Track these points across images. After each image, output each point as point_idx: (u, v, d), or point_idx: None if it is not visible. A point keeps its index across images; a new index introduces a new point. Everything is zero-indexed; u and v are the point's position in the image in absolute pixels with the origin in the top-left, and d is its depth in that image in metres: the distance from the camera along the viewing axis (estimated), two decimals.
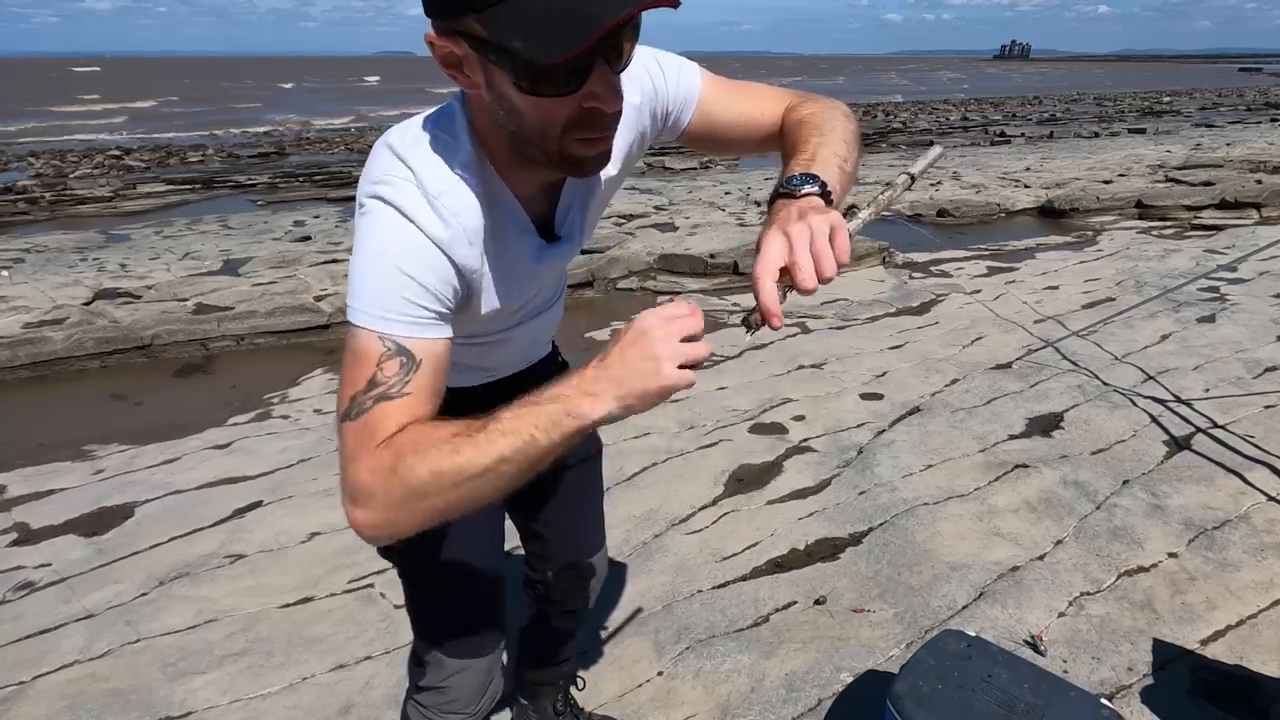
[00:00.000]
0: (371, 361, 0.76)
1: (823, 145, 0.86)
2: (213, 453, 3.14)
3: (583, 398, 0.70)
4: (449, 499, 0.72)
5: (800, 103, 0.98)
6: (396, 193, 0.77)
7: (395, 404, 0.75)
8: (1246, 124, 17.39)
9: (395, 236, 0.76)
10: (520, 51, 0.65)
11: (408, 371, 0.76)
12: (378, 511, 0.73)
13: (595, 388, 0.70)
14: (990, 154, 12.49)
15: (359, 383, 0.76)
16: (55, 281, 5.27)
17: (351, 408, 0.76)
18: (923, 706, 1.37)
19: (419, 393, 0.76)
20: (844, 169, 0.85)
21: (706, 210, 7.53)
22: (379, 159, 0.80)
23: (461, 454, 0.70)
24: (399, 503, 0.72)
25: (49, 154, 15.70)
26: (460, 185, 0.79)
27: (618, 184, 1.01)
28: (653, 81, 0.92)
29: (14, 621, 2.14)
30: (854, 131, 0.93)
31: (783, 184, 0.79)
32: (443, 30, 0.71)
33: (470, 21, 0.67)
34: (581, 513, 1.41)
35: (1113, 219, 7.21)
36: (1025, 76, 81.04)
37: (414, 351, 0.76)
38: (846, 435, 3.06)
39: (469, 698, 1.22)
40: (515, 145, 0.78)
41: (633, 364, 0.70)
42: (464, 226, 0.79)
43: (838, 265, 0.70)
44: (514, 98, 0.71)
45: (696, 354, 0.70)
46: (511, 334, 1.06)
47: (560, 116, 0.72)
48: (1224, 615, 1.99)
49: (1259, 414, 3.06)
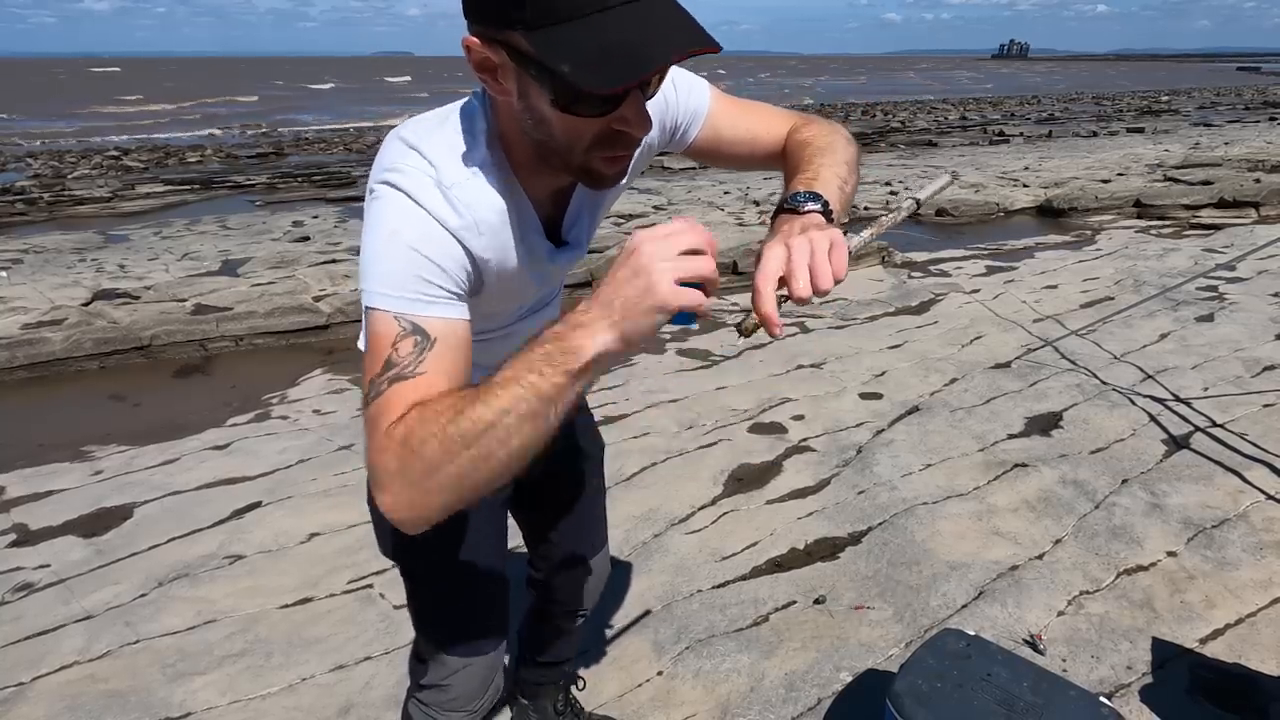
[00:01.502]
0: (387, 343, 0.74)
1: (825, 166, 0.88)
2: (212, 453, 3.14)
3: (573, 330, 0.66)
4: (462, 465, 0.68)
5: (804, 124, 1.01)
6: (408, 180, 0.77)
7: (410, 384, 0.73)
8: (1245, 123, 17.40)
9: (407, 219, 0.76)
10: (566, 75, 0.66)
11: (422, 350, 0.74)
12: (400, 492, 0.71)
13: (585, 317, 0.66)
14: (989, 153, 12.50)
15: (376, 365, 0.75)
16: (54, 282, 5.27)
17: (370, 392, 0.75)
18: (922, 705, 1.37)
19: (434, 372, 0.74)
20: (844, 190, 0.87)
21: (706, 210, 7.54)
22: (390, 149, 0.81)
23: (465, 414, 0.68)
24: (419, 478, 0.70)
25: (47, 154, 15.68)
26: (476, 179, 0.80)
27: (621, 192, 1.03)
28: (663, 95, 0.94)
29: (13, 623, 2.14)
30: (855, 156, 0.95)
31: (787, 199, 0.81)
32: (483, 36, 0.71)
33: (516, 36, 0.68)
34: (584, 513, 1.41)
35: (1111, 218, 7.22)
36: (1039, 75, 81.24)
37: (429, 330, 0.75)
38: (846, 435, 3.06)
39: (470, 696, 1.22)
40: (538, 152, 0.79)
41: (623, 283, 0.65)
42: (476, 218, 0.79)
43: (835, 280, 0.70)
44: (545, 111, 0.72)
45: (697, 268, 0.65)
46: (510, 329, 1.06)
47: (588, 134, 0.74)
48: (1223, 614, 1.99)
49: (1257, 413, 3.07)
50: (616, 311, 0.65)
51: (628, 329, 0.65)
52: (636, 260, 0.65)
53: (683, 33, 0.68)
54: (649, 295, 0.64)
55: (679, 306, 0.65)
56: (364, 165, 12.28)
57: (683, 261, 0.65)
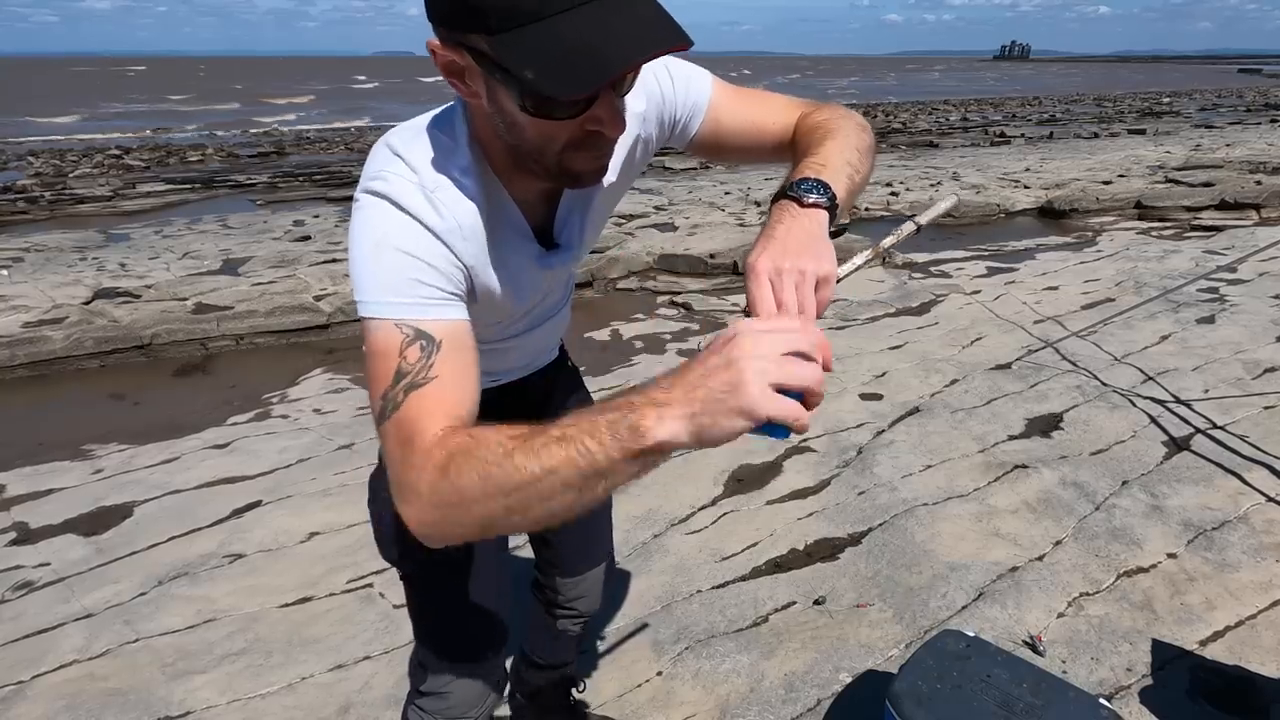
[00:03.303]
0: (393, 353, 0.72)
1: (835, 151, 0.83)
2: (212, 452, 3.14)
3: (648, 409, 0.58)
4: (495, 509, 0.64)
5: (815, 111, 0.95)
6: (391, 187, 0.76)
7: (426, 389, 0.71)
8: (1246, 125, 17.40)
9: (392, 225, 0.75)
10: (531, 82, 0.65)
11: (430, 354, 0.72)
12: (425, 511, 0.68)
13: (665, 398, 0.58)
14: (990, 154, 12.50)
15: (386, 378, 0.72)
16: (54, 281, 5.27)
17: (385, 406, 0.72)
18: (921, 706, 1.37)
19: (446, 376, 0.72)
20: (854, 179, 0.82)
21: (706, 210, 7.54)
22: (377, 156, 0.80)
23: (512, 459, 0.62)
24: (449, 505, 0.67)
25: (48, 153, 15.69)
26: (457, 183, 0.78)
27: (621, 191, 0.99)
28: (660, 88, 0.91)
29: (13, 621, 2.14)
30: (869, 143, 0.89)
31: (791, 185, 0.77)
32: (446, 39, 0.70)
33: (479, 40, 0.66)
34: (591, 522, 1.40)
35: (1112, 220, 7.22)
36: (1055, 76, 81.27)
37: (433, 333, 0.73)
38: (846, 435, 3.06)
39: (470, 703, 1.21)
40: (513, 155, 0.77)
41: (712, 372, 0.57)
42: (460, 222, 0.78)
43: (816, 315, 0.69)
44: (515, 114, 0.70)
45: (800, 376, 0.57)
46: (518, 341, 1.05)
47: (562, 136, 0.71)
48: (1223, 616, 1.99)
49: (1258, 415, 3.06)
50: (698, 403, 0.57)
51: (705, 425, 0.57)
52: (731, 351, 0.58)
53: (651, 31, 0.65)
54: (737, 395, 0.56)
55: (768, 416, 0.57)
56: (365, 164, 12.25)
57: (786, 364, 0.58)
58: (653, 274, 5.52)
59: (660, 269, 5.56)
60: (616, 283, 5.38)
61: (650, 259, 5.60)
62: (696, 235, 6.19)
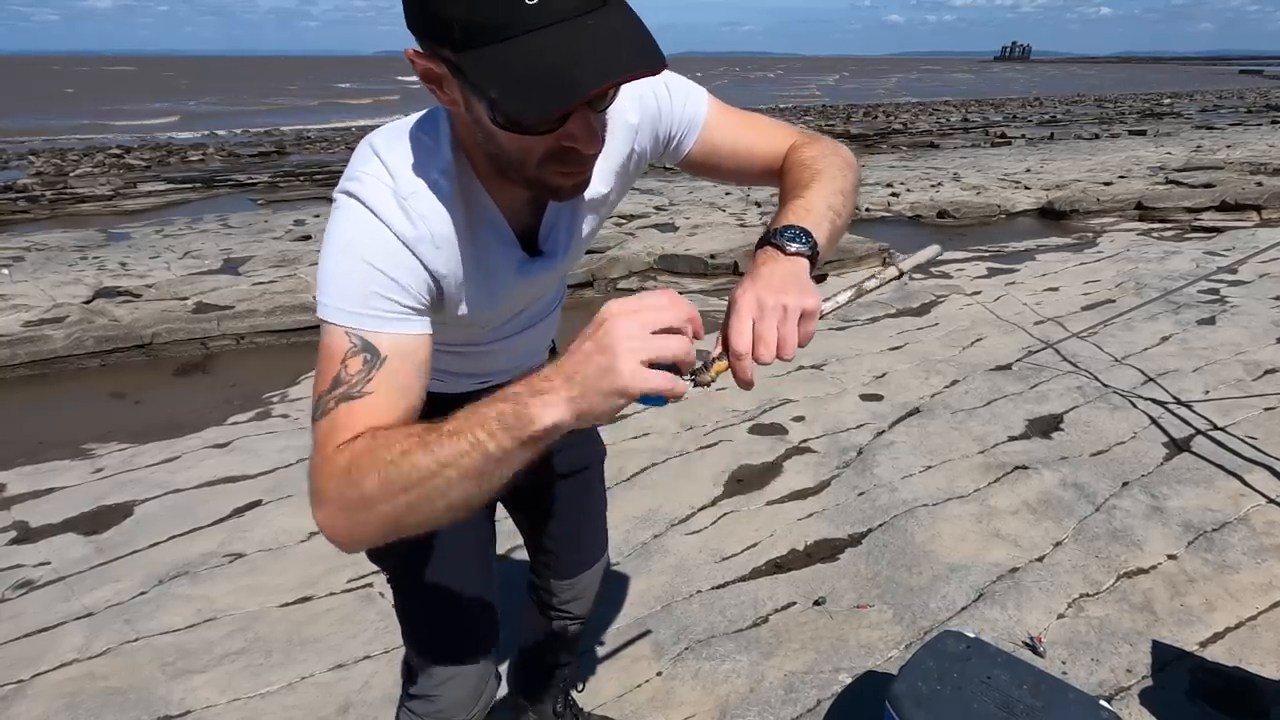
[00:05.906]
0: (337, 359, 0.73)
1: (819, 196, 0.85)
2: (212, 452, 3.14)
3: (532, 398, 0.62)
4: (398, 506, 0.66)
5: (805, 143, 0.96)
6: (365, 189, 0.76)
7: (358, 404, 0.72)
8: (1247, 126, 17.40)
9: (361, 231, 0.75)
10: (495, 101, 0.64)
11: (370, 369, 0.73)
12: (334, 515, 0.70)
13: (547, 386, 0.62)
14: (991, 155, 12.50)
15: (325, 382, 0.73)
16: (55, 280, 5.28)
17: (316, 409, 0.73)
18: (921, 707, 1.37)
19: (382, 391, 0.73)
20: (835, 223, 0.85)
21: (707, 211, 7.54)
22: (358, 156, 0.80)
23: (409, 458, 0.65)
24: (353, 509, 0.68)
25: (49, 152, 15.70)
26: (433, 189, 0.78)
27: (613, 202, 0.98)
28: (658, 103, 0.91)
29: (13, 620, 2.14)
30: (853, 183, 0.91)
31: (774, 233, 0.79)
32: (422, 48, 0.70)
33: (449, 53, 0.66)
34: (585, 523, 1.40)
35: (1113, 221, 7.22)
36: (1071, 77, 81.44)
37: (379, 347, 0.73)
38: (846, 436, 3.06)
39: (460, 705, 1.21)
40: (493, 164, 0.77)
41: (586, 359, 0.61)
42: (431, 230, 0.77)
43: (799, 345, 0.71)
44: (490, 126, 0.70)
45: (667, 350, 0.61)
46: (506, 343, 1.05)
47: (538, 149, 0.71)
48: (1223, 617, 1.99)
49: (1259, 416, 3.06)
50: (576, 388, 0.61)
51: (584, 408, 0.61)
52: (602, 336, 0.61)
53: (621, 53, 0.63)
54: (609, 377, 0.60)
55: (641, 392, 0.60)
56: None
57: (653, 342, 0.61)
58: (653, 274, 5.52)
59: (661, 269, 5.56)
60: (617, 283, 5.39)
61: (651, 259, 5.61)
62: (697, 235, 6.20)
